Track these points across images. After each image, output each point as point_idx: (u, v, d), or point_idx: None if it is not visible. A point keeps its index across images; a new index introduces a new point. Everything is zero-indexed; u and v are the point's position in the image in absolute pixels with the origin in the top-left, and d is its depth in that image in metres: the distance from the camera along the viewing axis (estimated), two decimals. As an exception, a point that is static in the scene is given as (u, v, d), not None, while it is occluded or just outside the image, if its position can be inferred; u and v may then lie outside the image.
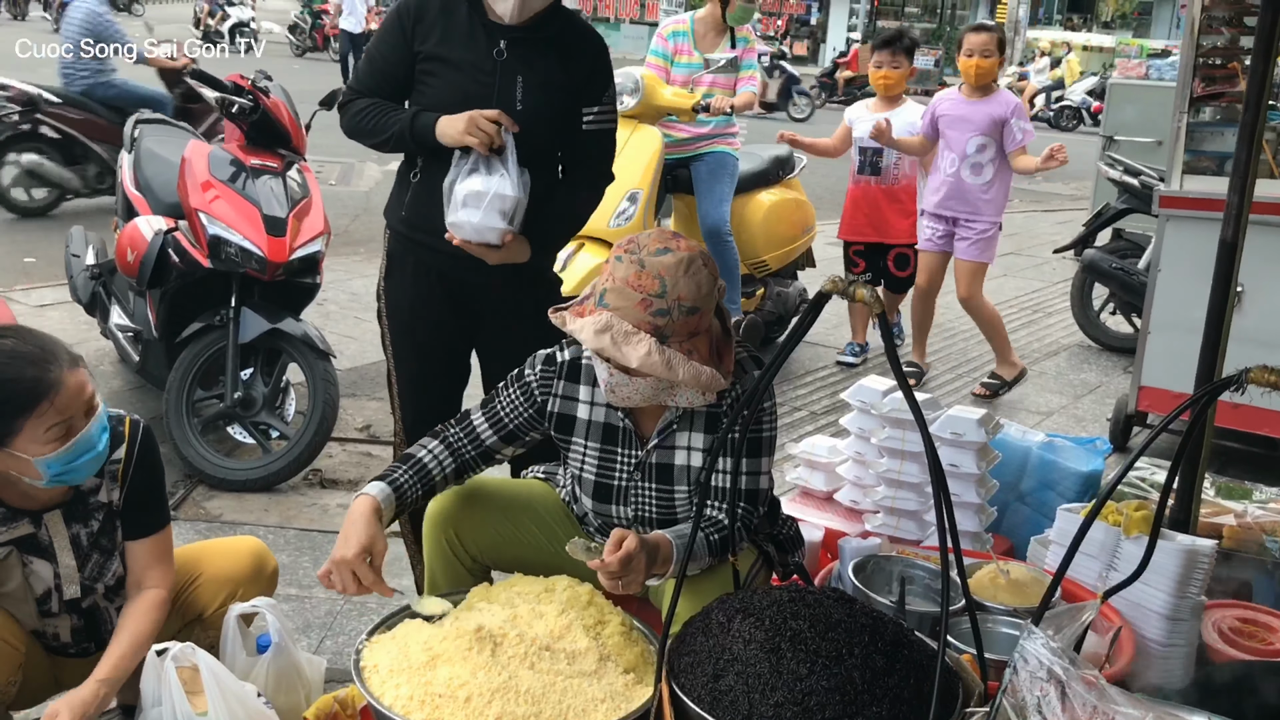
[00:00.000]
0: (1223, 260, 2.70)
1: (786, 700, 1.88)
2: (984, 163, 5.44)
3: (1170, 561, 2.54)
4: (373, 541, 2.32)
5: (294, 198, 4.26)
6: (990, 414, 3.22)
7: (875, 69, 5.72)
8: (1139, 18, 39.32)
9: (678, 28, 5.71)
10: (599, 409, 2.52)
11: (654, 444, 2.50)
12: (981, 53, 5.42)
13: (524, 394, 2.55)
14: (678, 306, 2.27)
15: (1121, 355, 6.56)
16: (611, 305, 2.28)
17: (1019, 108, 5.48)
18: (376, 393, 5.21)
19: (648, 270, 2.26)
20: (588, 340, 2.27)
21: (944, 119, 5.55)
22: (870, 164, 5.74)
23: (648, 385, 2.34)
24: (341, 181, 10.50)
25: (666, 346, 2.25)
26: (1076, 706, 1.67)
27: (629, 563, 2.20)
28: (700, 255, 2.32)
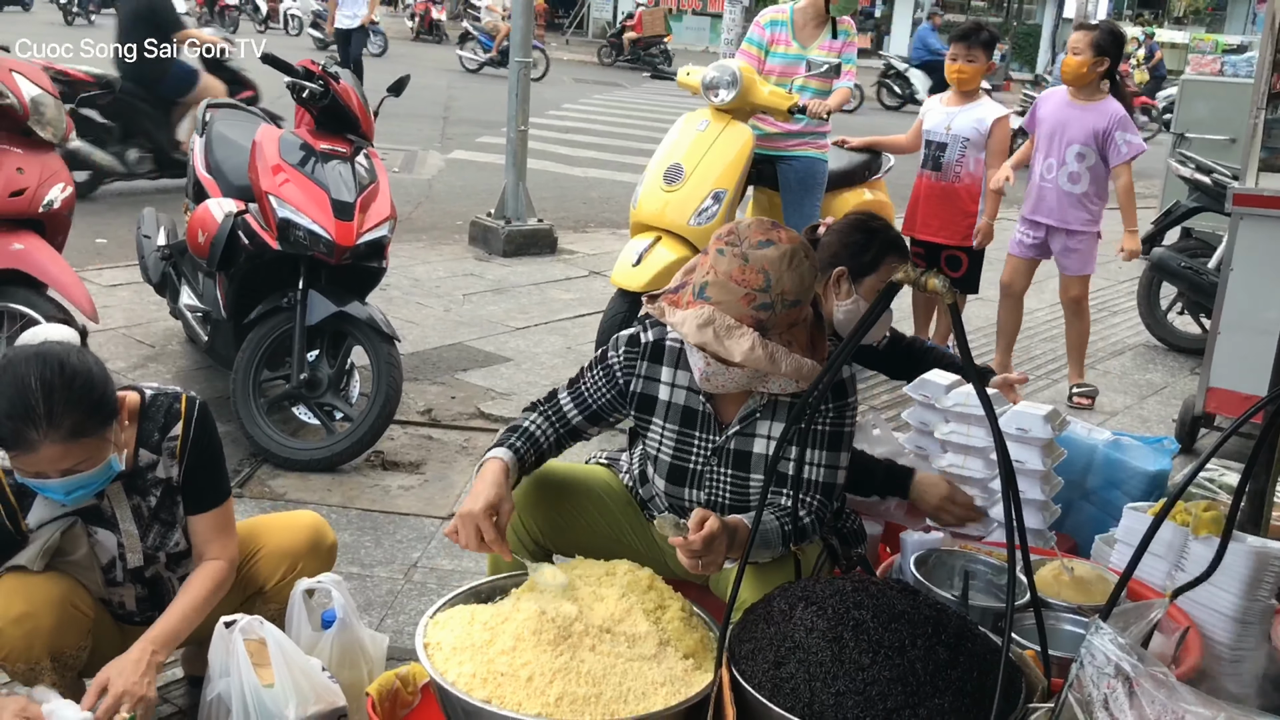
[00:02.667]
0: (1302, 258, 2.64)
1: (848, 690, 1.87)
2: (1082, 172, 5.28)
3: (1240, 563, 2.49)
4: (500, 500, 2.35)
5: (361, 183, 4.31)
6: (1057, 410, 3.18)
7: (950, 62, 5.50)
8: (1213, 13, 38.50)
9: (777, 17, 5.54)
10: (680, 391, 2.54)
11: (735, 430, 2.51)
12: (1072, 50, 5.27)
13: (606, 376, 2.57)
14: (781, 300, 2.27)
15: (1189, 356, 6.45)
16: (714, 299, 2.28)
17: (1124, 119, 5.24)
18: (438, 377, 5.27)
19: (751, 265, 2.26)
20: (690, 334, 2.27)
21: (1044, 122, 5.41)
22: (932, 159, 5.55)
23: (744, 374, 2.36)
24: (405, 169, 10.61)
25: (768, 339, 2.26)
26: (1145, 704, 1.65)
27: (711, 543, 2.21)
28: (802, 247, 2.32)
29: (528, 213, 7.99)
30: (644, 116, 16.09)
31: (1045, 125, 5.40)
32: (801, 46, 5.42)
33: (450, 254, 7.77)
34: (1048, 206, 5.37)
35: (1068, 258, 5.41)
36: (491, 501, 2.33)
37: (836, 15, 5.40)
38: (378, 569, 3.55)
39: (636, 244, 4.93)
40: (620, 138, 13.83)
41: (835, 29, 5.44)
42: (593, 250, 8.14)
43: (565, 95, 18.13)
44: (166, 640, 2.39)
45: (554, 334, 6.10)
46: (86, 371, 2.20)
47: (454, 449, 4.50)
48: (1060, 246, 5.41)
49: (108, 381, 2.25)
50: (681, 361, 2.52)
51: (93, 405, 2.19)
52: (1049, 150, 5.36)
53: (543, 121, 13.99)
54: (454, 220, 8.66)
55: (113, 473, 2.32)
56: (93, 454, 2.23)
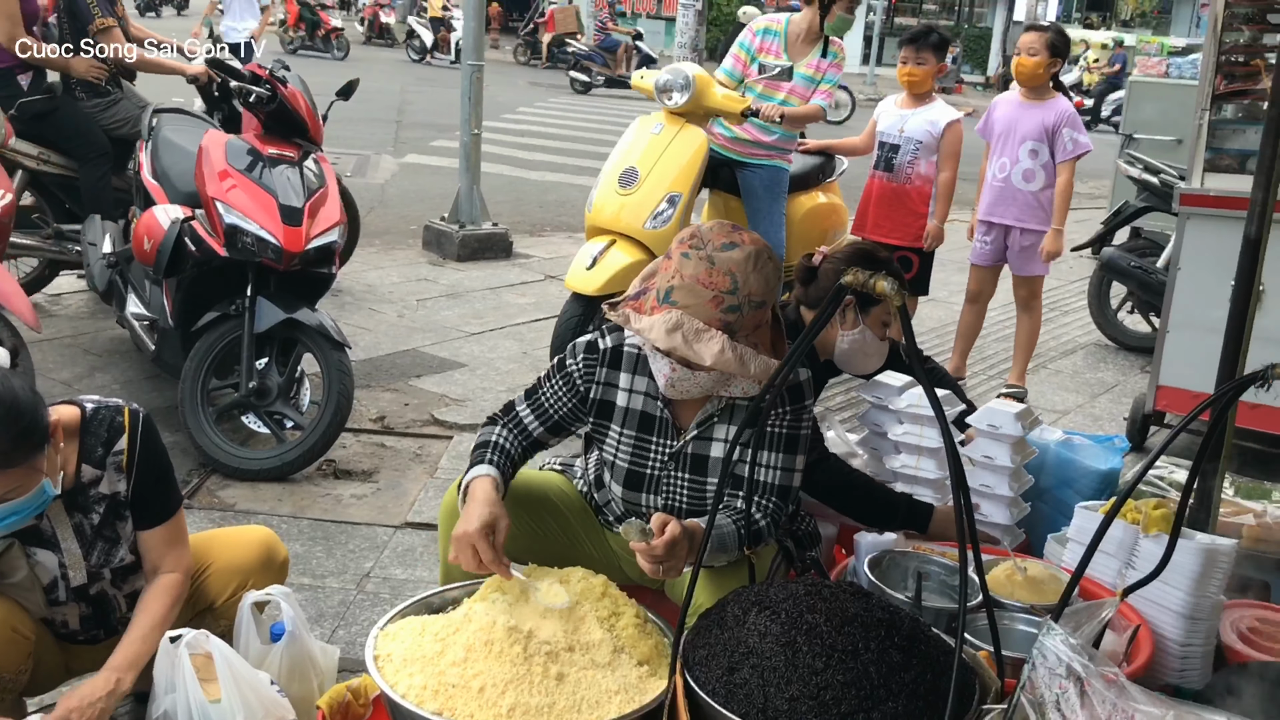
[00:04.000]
0: (1246, 257, 2.67)
1: (802, 694, 1.86)
2: (1036, 169, 5.32)
3: (1189, 560, 2.51)
4: (496, 518, 2.30)
5: (310, 188, 4.26)
6: (1029, 409, 3.21)
7: (901, 65, 5.52)
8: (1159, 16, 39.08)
9: (771, 26, 5.48)
10: (637, 396, 2.52)
11: (693, 435, 2.50)
12: (1027, 51, 5.30)
13: (566, 385, 2.55)
14: (748, 302, 2.27)
15: (1139, 354, 6.53)
16: (681, 303, 2.27)
17: (1073, 117, 5.32)
18: (391, 383, 5.22)
19: (718, 267, 2.26)
20: (658, 340, 2.25)
21: (998, 122, 5.45)
22: (885, 160, 5.54)
23: (709, 379, 2.35)
24: (357, 173, 10.51)
25: (736, 342, 2.25)
26: (1096, 704, 1.65)
27: (674, 548, 2.20)
28: (765, 249, 2.33)
29: (482, 216, 7.95)
30: (600, 119, 16.07)
31: (998, 126, 5.44)
32: (790, 60, 5.35)
33: (404, 259, 7.71)
34: (1003, 206, 5.41)
35: (1021, 257, 5.44)
36: (487, 520, 2.28)
37: (831, 34, 5.33)
38: (330, 579, 3.50)
39: (591, 247, 4.91)
40: (576, 141, 13.80)
41: (826, 48, 5.37)
42: (549, 254, 8.11)
43: (521, 98, 18.08)
44: (132, 665, 2.34)
45: (509, 339, 6.06)
46: (12, 398, 2.10)
47: (407, 456, 4.46)
48: (1015, 246, 5.44)
49: (37, 406, 2.16)
50: (640, 367, 2.51)
51: (19, 434, 2.10)
52: (1003, 150, 5.40)
53: (498, 125, 13.94)
54: (408, 225, 8.60)
55: (46, 498, 2.23)
56: (22, 482, 2.15)
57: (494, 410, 2.67)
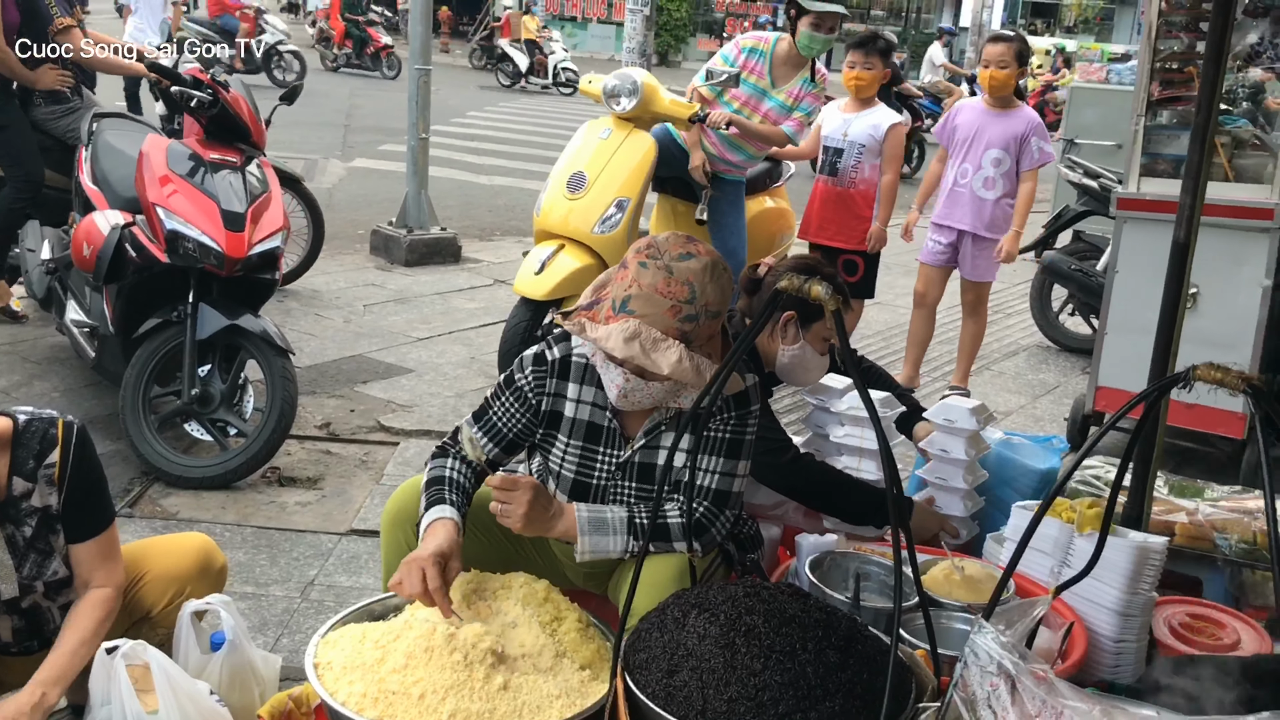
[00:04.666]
0: (1175, 260, 2.73)
1: (740, 695, 1.88)
2: (997, 177, 5.36)
3: (1122, 558, 2.56)
4: (451, 552, 2.27)
5: (253, 193, 4.23)
6: (984, 405, 3.26)
7: (848, 69, 5.53)
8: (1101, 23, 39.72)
9: (758, 45, 5.35)
10: (584, 406, 2.52)
11: (640, 444, 2.51)
12: (997, 63, 5.33)
13: (518, 400, 2.54)
14: (705, 311, 2.29)
15: (1080, 356, 6.63)
16: (638, 312, 2.27)
17: (1040, 127, 5.38)
18: (337, 390, 5.18)
19: (676, 277, 2.27)
20: (616, 349, 2.26)
21: (961, 128, 5.48)
22: (829, 165, 5.57)
23: (662, 389, 2.36)
24: (305, 178, 10.39)
25: (692, 351, 2.26)
26: (1026, 701, 1.68)
27: (514, 487, 2.31)
28: (720, 259, 2.35)
29: (430, 221, 7.92)
30: (551, 124, 16.05)
31: (961, 132, 5.47)
32: (772, 83, 5.28)
33: (351, 264, 7.66)
34: (960, 211, 5.46)
35: (973, 263, 5.51)
36: (442, 550, 2.26)
37: (805, 54, 5.24)
38: (273, 588, 3.47)
39: (539, 252, 4.92)
40: (527, 145, 13.78)
41: (813, 75, 5.29)
42: (498, 259, 8.09)
43: (471, 102, 18.01)
44: (58, 680, 2.30)
45: (458, 344, 6.04)
46: None
47: (353, 463, 4.43)
48: (968, 251, 5.50)
49: None
50: (588, 377, 2.51)
51: None
52: (965, 156, 5.44)
53: (448, 129, 13.88)
54: (355, 229, 8.54)
55: None
56: None
57: (448, 419, 2.66)
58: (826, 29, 5.15)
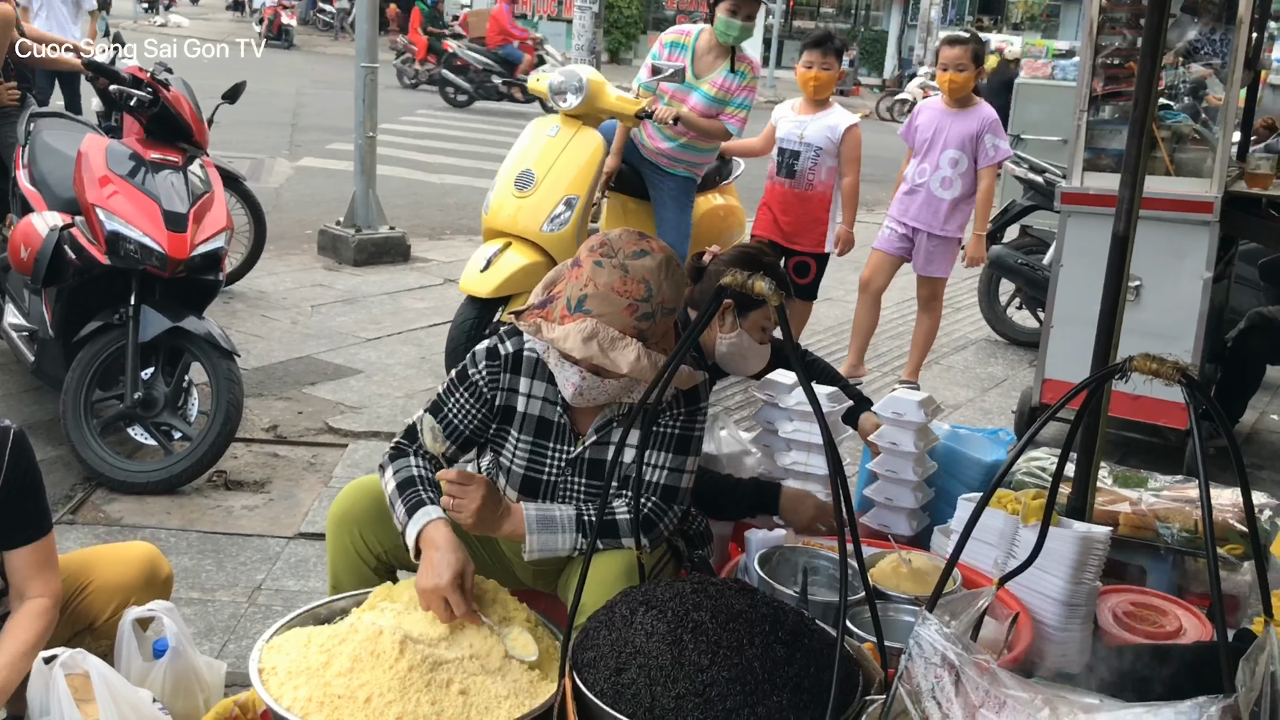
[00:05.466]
0: (1115, 253, 2.77)
1: (688, 692, 1.88)
2: (955, 177, 5.40)
3: (1066, 548, 2.59)
4: (465, 564, 2.25)
5: (195, 193, 4.17)
6: (931, 398, 3.28)
7: (804, 69, 5.48)
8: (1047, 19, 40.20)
9: (679, 39, 5.34)
10: (535, 402, 2.51)
11: (591, 440, 2.50)
12: (955, 66, 5.36)
13: (473, 395, 2.51)
14: (661, 309, 2.29)
15: (1027, 349, 6.70)
16: (595, 311, 2.26)
17: (995, 124, 5.42)
18: (284, 392, 5.12)
19: (632, 275, 2.26)
20: (575, 349, 2.24)
21: (921, 129, 5.51)
22: (786, 167, 5.53)
23: (618, 386, 2.36)
24: (251, 177, 10.26)
25: (649, 349, 2.25)
26: (970, 691, 1.69)
27: (468, 482, 2.30)
28: (674, 256, 2.35)
29: (379, 220, 7.85)
30: (501, 122, 15.98)
31: (921, 132, 5.51)
32: (695, 75, 5.25)
33: (298, 264, 7.58)
34: (915, 209, 5.49)
35: (927, 259, 5.54)
36: (459, 570, 2.23)
37: (723, 42, 5.22)
38: (220, 593, 3.43)
39: (486, 249, 4.90)
40: (477, 143, 13.71)
41: (734, 66, 5.25)
42: (448, 258, 8.04)
43: (421, 101, 17.89)
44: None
45: (407, 344, 6.00)
46: None
47: (301, 466, 4.38)
48: (922, 247, 5.54)
49: None
50: (539, 372, 2.50)
51: None
52: (925, 156, 5.47)
53: (397, 127, 13.79)
54: (303, 229, 8.45)
55: None
56: None
57: (397, 420, 2.64)
58: (744, 16, 5.15)
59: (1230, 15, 4.58)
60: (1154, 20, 2.74)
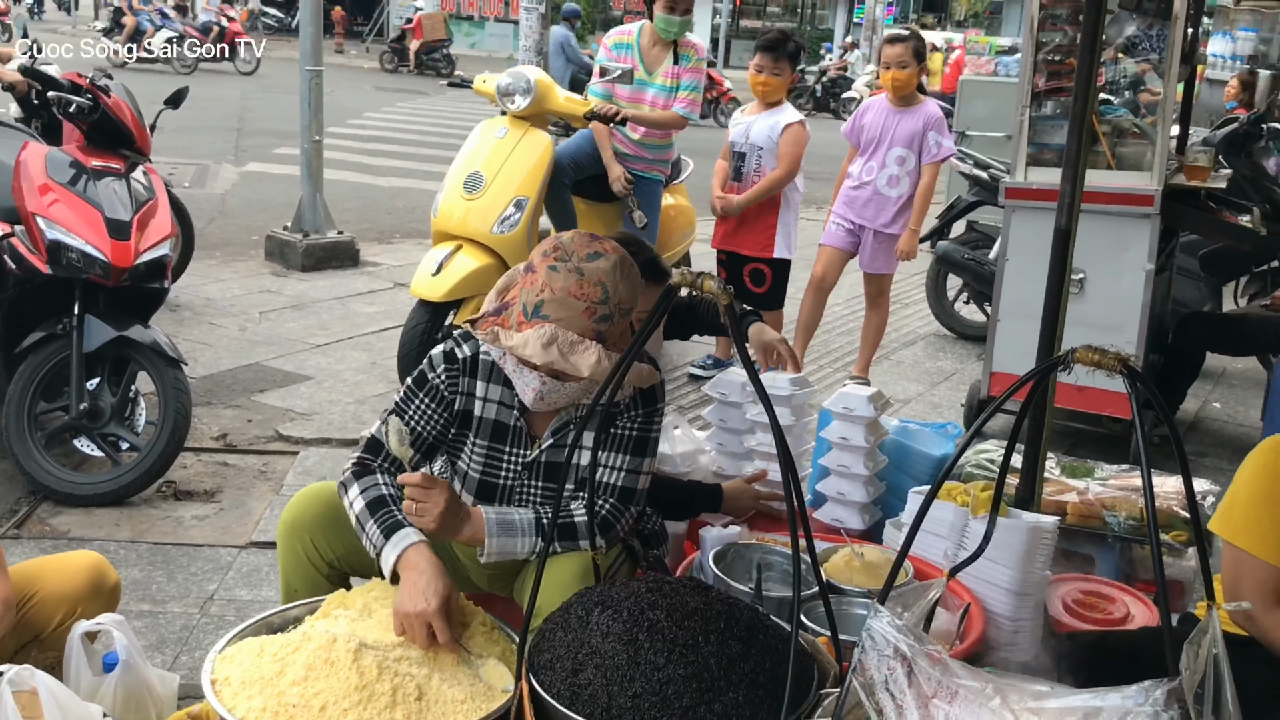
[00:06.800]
0: (1058, 247, 2.81)
1: (645, 691, 1.88)
2: (901, 175, 5.44)
3: (1015, 538, 2.63)
4: (451, 591, 2.23)
5: (139, 200, 4.11)
6: (880, 392, 3.31)
7: (755, 73, 5.47)
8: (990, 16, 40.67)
9: (622, 39, 5.35)
10: (491, 406, 2.50)
11: (548, 443, 2.50)
12: (897, 64, 5.40)
13: (434, 400, 2.49)
14: (618, 310, 2.29)
15: (975, 343, 6.78)
16: (553, 316, 2.25)
17: (939, 121, 5.46)
18: (233, 400, 5.07)
19: (588, 278, 2.25)
20: (535, 355, 2.23)
21: (867, 128, 5.54)
22: (735, 169, 5.53)
23: (578, 389, 2.36)
24: (196, 184, 10.19)
25: (608, 350, 2.25)
26: (922, 682, 1.71)
27: (431, 486, 2.27)
28: (627, 256, 2.34)
29: (327, 225, 7.79)
30: (448, 123, 15.91)
31: (867, 131, 5.54)
32: (647, 72, 5.28)
33: (245, 270, 7.50)
34: (861, 207, 5.53)
35: (872, 256, 5.59)
36: (443, 595, 2.20)
37: (664, 37, 5.22)
38: (171, 604, 3.39)
39: (436, 253, 4.87)
40: (425, 145, 13.64)
41: (678, 54, 5.27)
42: (397, 261, 8.00)
43: (367, 103, 17.77)
44: None
45: (358, 349, 5.95)
46: None
47: (251, 474, 4.34)
48: (868, 245, 5.58)
49: None
50: (494, 376, 2.49)
51: None
52: (871, 154, 5.51)
53: (344, 131, 13.68)
54: (250, 235, 8.37)
55: None
56: None
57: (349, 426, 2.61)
58: (681, 10, 5.20)
59: (1166, 11, 4.66)
60: (1092, 17, 2.78)
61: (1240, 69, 13.12)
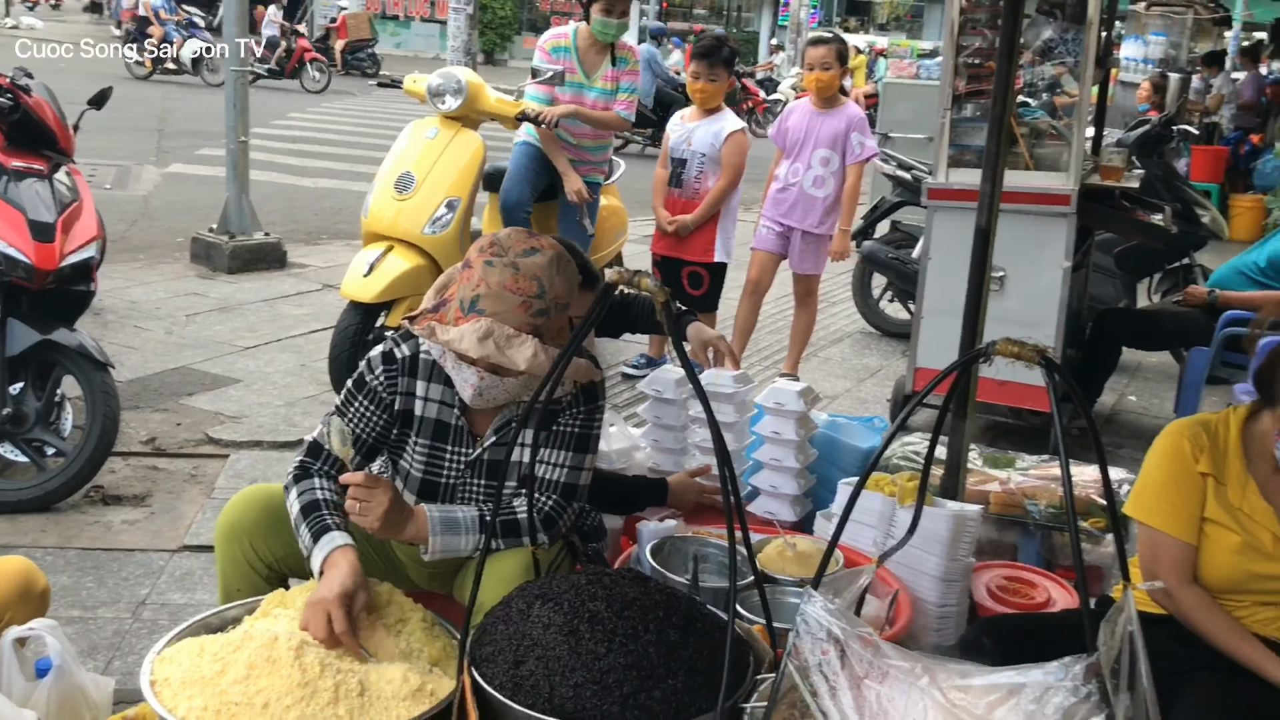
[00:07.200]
0: (978, 245, 2.91)
1: (586, 680, 1.93)
2: (826, 176, 5.51)
3: (940, 527, 2.72)
4: (357, 588, 2.22)
5: (63, 201, 4.05)
6: (810, 388, 3.38)
7: (693, 80, 5.53)
8: (912, 20, 41.36)
9: (559, 42, 5.31)
10: (432, 405, 2.52)
11: (490, 441, 2.52)
12: (821, 66, 5.46)
13: (373, 402, 2.50)
14: (555, 305, 2.31)
15: (900, 340, 6.93)
16: (489, 310, 2.28)
17: (862, 122, 5.56)
18: (161, 403, 5.01)
19: (524, 272, 2.28)
20: (470, 349, 2.25)
21: (792, 130, 5.61)
22: (675, 175, 5.59)
23: (517, 385, 2.37)
24: (118, 185, 10.00)
25: (545, 344, 2.28)
26: (855, 664, 1.78)
27: (374, 486, 2.28)
28: (563, 251, 2.38)
29: (253, 226, 7.70)
30: (376, 124, 15.79)
31: (792, 134, 5.62)
32: (586, 75, 5.28)
33: (171, 273, 7.39)
34: (788, 208, 5.60)
35: (801, 257, 5.67)
36: (348, 588, 2.20)
37: (603, 40, 5.23)
38: (102, 610, 3.35)
39: (367, 254, 4.86)
40: (352, 146, 13.52)
41: (614, 57, 5.30)
42: (325, 263, 7.94)
43: (292, 104, 17.55)
44: None
45: (287, 351, 5.91)
46: None
47: (182, 478, 4.29)
48: (797, 245, 5.66)
49: None
50: (435, 375, 2.51)
51: None
52: (797, 156, 5.58)
53: (269, 131, 13.51)
54: (174, 238, 8.24)
55: None
56: None
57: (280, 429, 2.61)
58: (618, 13, 5.22)
59: (1081, 16, 4.81)
60: (1009, 23, 2.88)
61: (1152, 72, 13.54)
